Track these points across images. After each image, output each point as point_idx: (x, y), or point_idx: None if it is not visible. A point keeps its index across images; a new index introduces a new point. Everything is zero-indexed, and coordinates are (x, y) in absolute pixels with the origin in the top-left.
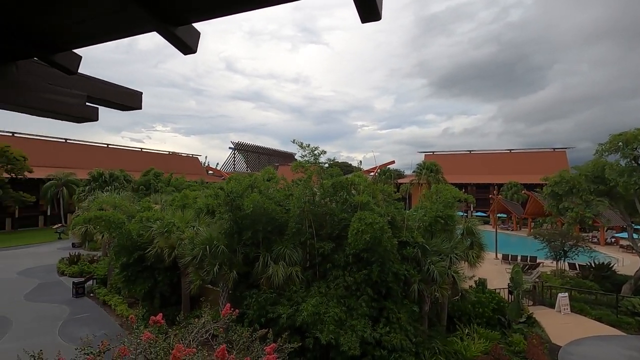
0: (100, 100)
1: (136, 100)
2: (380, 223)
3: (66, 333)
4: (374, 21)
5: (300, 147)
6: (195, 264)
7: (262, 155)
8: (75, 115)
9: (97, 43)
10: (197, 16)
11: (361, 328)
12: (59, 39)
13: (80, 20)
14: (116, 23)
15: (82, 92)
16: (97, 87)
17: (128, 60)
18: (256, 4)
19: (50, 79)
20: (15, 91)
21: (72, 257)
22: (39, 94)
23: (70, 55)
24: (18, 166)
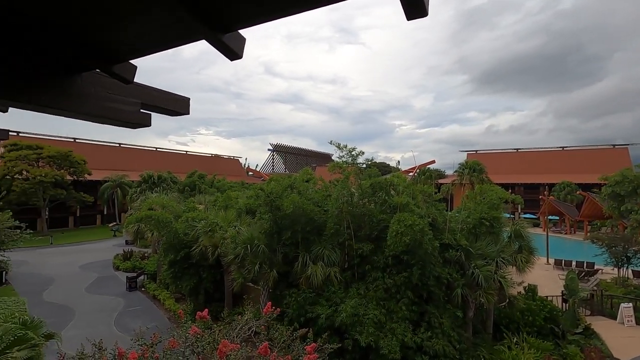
0: (153, 107)
1: (184, 105)
2: (420, 225)
3: (121, 324)
4: (420, 17)
5: (337, 148)
6: (237, 262)
7: (300, 156)
8: (132, 121)
9: (151, 53)
10: (243, 23)
11: (401, 332)
12: (118, 52)
13: (138, 33)
14: (170, 34)
15: (137, 100)
16: (150, 95)
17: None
18: (298, 7)
19: (110, 88)
20: (80, 100)
21: (125, 253)
22: (101, 102)
23: (127, 66)
24: (79, 169)
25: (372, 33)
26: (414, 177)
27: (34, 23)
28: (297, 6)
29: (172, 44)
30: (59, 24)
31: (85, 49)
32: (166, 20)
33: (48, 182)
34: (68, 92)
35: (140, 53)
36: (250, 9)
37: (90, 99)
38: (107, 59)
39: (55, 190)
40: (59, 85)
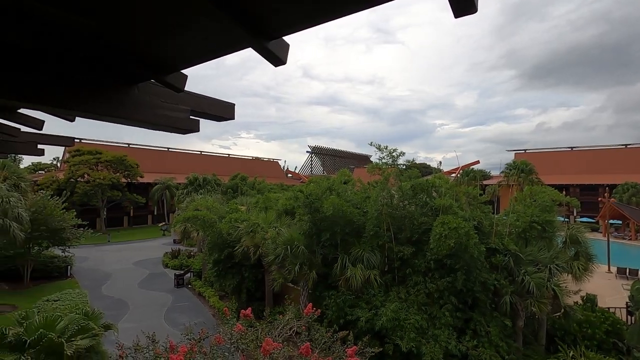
0: (201, 113)
1: (230, 111)
2: (465, 228)
3: (169, 318)
4: (470, 14)
5: (378, 149)
6: (278, 262)
7: (338, 157)
8: (182, 127)
9: (201, 63)
10: (287, 30)
11: (445, 339)
12: (170, 63)
13: (189, 45)
14: (218, 44)
15: (187, 107)
16: (199, 102)
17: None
18: (342, 12)
19: (163, 97)
20: (137, 109)
21: (173, 252)
22: (155, 110)
23: (178, 76)
24: (133, 172)
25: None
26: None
27: (98, 41)
28: (341, 11)
29: (221, 53)
30: (120, 41)
31: (142, 61)
32: (214, 31)
33: (106, 184)
34: (127, 102)
35: (190, 63)
36: (295, 15)
37: (145, 107)
38: (161, 69)
39: (112, 192)
40: (119, 96)
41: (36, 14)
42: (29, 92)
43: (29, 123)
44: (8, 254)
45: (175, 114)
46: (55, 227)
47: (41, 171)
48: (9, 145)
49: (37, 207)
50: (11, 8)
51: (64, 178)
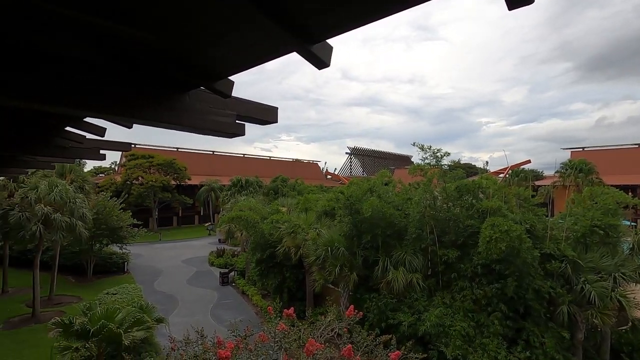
0: (246, 117)
1: (273, 115)
2: (517, 231)
3: (215, 314)
4: (525, 5)
5: (420, 150)
6: (318, 264)
7: (378, 158)
8: (229, 132)
9: (248, 69)
10: (331, 32)
11: (494, 348)
12: (219, 70)
13: (237, 52)
14: (265, 50)
15: (233, 112)
16: (244, 107)
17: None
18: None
19: (211, 103)
20: (189, 115)
21: (218, 251)
22: (204, 116)
23: (226, 82)
24: (181, 175)
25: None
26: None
27: (157, 53)
28: (386, 11)
29: (266, 58)
30: (176, 52)
31: (193, 70)
32: (260, 38)
33: (158, 186)
34: (180, 109)
35: (238, 69)
36: (340, 17)
37: (196, 113)
38: (210, 76)
39: (163, 194)
40: (172, 103)
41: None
42: (95, 103)
43: (93, 130)
44: (74, 250)
45: (223, 118)
46: (114, 226)
47: (101, 174)
48: (75, 151)
49: (98, 207)
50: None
51: (121, 180)
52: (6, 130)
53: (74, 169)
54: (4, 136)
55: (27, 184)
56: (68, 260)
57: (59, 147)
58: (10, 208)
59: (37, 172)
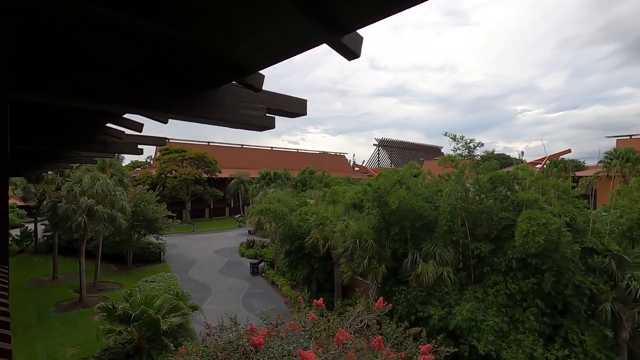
0: (276, 110)
1: (302, 107)
2: (556, 224)
3: (246, 303)
4: None
5: (452, 140)
6: (347, 255)
7: (406, 150)
8: (260, 125)
9: (278, 62)
10: (361, 22)
11: (529, 344)
12: (250, 64)
13: (267, 46)
14: (295, 43)
15: (264, 105)
16: (274, 100)
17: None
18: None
19: (242, 97)
20: (222, 109)
21: (248, 242)
22: (237, 110)
23: (257, 76)
24: (212, 168)
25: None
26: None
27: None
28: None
29: (297, 51)
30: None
31: (225, 65)
32: (291, 31)
33: (190, 179)
34: (213, 103)
35: (268, 63)
36: (369, 8)
37: (228, 107)
38: (242, 71)
39: (195, 186)
40: (206, 98)
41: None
42: (135, 100)
43: (132, 126)
44: (115, 240)
45: (254, 112)
46: (150, 218)
47: (138, 168)
48: (115, 146)
49: (136, 200)
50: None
51: (156, 174)
52: (55, 129)
53: (114, 163)
54: (54, 134)
55: (72, 178)
56: (110, 250)
57: (100, 143)
58: (58, 200)
59: (81, 167)
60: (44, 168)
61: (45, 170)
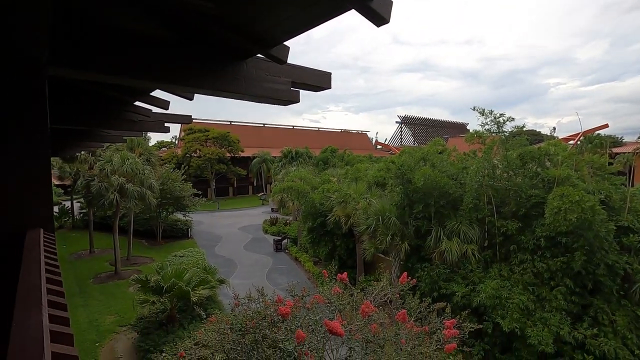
0: (301, 84)
1: (327, 80)
2: (590, 202)
3: (271, 278)
4: None
5: (480, 115)
6: (369, 233)
7: (430, 127)
8: (285, 99)
9: (303, 32)
10: None
11: (556, 323)
12: (275, 35)
13: (293, 15)
14: (321, 10)
15: (288, 79)
16: (298, 73)
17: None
18: None
19: (267, 70)
20: (247, 83)
21: (271, 219)
22: (262, 83)
23: (282, 48)
24: (235, 147)
25: None
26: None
27: (216, 21)
28: None
29: (322, 19)
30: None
31: (250, 37)
32: None
33: (214, 158)
34: (238, 77)
35: (293, 33)
36: None
37: (253, 81)
38: (267, 43)
39: (219, 166)
40: (232, 72)
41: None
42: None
43: (159, 104)
44: (145, 217)
45: (279, 85)
46: (177, 196)
47: (164, 148)
48: (143, 124)
49: (163, 178)
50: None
51: (182, 154)
52: (88, 107)
53: (141, 143)
54: (86, 112)
55: (103, 158)
56: (141, 226)
57: (129, 121)
58: (91, 179)
59: (111, 147)
60: (77, 148)
61: (79, 150)
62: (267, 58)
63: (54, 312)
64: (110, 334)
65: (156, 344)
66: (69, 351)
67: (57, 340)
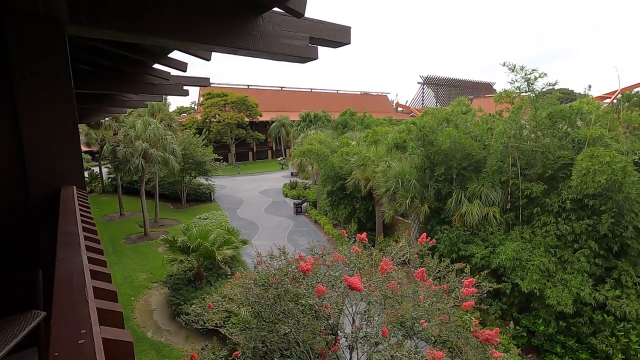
0: (319, 39)
1: (346, 35)
2: (622, 162)
3: (291, 239)
4: None
5: (510, 71)
6: (389, 195)
7: (454, 87)
8: (302, 55)
9: None
10: None
11: (577, 285)
12: None
13: None
14: None
15: (306, 34)
16: (316, 27)
17: None
18: None
19: (284, 25)
20: (264, 40)
21: (291, 183)
22: (279, 40)
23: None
24: (253, 112)
25: None
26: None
27: None
28: None
29: None
30: None
31: None
32: None
33: (233, 123)
34: (255, 33)
35: None
36: None
37: (271, 37)
38: None
39: (238, 130)
40: (248, 27)
41: None
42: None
43: (176, 66)
44: (170, 181)
45: (296, 42)
46: (199, 160)
47: (184, 114)
48: (163, 87)
49: (185, 143)
50: None
51: (201, 119)
52: (108, 71)
53: (162, 108)
54: (107, 76)
55: (126, 123)
56: (166, 190)
57: (149, 85)
58: (117, 144)
59: (133, 113)
60: (101, 113)
61: (103, 116)
62: (283, 11)
63: (91, 255)
64: (144, 289)
65: (186, 298)
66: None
67: (96, 278)
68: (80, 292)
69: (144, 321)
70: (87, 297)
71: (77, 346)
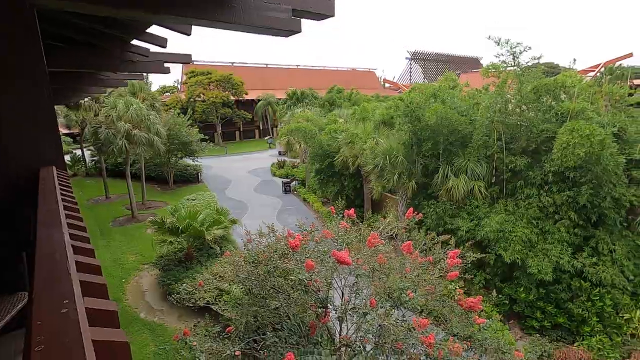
0: (302, 11)
1: (330, 7)
2: (600, 135)
3: (281, 218)
4: None
5: (496, 45)
6: (376, 172)
7: (442, 63)
8: (285, 28)
9: None
10: None
11: (557, 254)
12: None
13: None
14: None
15: (288, 6)
16: None
17: None
18: None
19: None
20: (244, 12)
21: (279, 162)
22: (261, 12)
23: None
24: (239, 90)
25: None
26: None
27: None
28: None
29: None
30: None
31: None
32: None
33: (218, 102)
34: (235, 5)
35: None
36: None
37: (252, 10)
38: None
39: (224, 109)
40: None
41: None
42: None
43: (155, 41)
44: (155, 163)
45: (278, 14)
46: (185, 141)
47: (167, 93)
48: (142, 65)
49: (170, 124)
50: None
51: (185, 98)
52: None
53: (143, 87)
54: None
55: (107, 104)
56: (152, 172)
57: (128, 62)
58: (99, 126)
59: (113, 93)
60: (79, 93)
61: (81, 96)
62: None
63: (73, 232)
64: (134, 271)
65: (177, 278)
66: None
67: (79, 253)
68: (62, 266)
69: (136, 302)
70: (69, 271)
71: (60, 315)
